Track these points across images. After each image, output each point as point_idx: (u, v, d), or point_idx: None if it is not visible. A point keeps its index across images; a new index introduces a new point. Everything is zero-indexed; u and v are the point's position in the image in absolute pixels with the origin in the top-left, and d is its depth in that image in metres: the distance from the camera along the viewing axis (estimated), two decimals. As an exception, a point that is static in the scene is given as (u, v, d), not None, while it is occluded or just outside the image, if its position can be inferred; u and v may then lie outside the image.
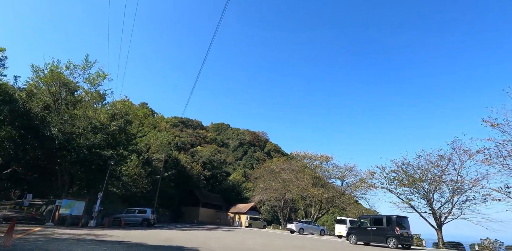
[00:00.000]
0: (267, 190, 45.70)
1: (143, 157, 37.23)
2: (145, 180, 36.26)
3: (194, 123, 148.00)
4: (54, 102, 25.78)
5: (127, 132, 30.35)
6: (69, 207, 21.01)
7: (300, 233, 28.79)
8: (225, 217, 60.15)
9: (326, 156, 39.47)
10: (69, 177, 26.65)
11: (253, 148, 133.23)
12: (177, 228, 26.78)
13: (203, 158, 63.67)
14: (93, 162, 25.47)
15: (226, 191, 72.45)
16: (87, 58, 25.47)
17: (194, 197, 56.13)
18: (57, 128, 22.68)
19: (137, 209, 26.49)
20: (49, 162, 25.75)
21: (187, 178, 54.47)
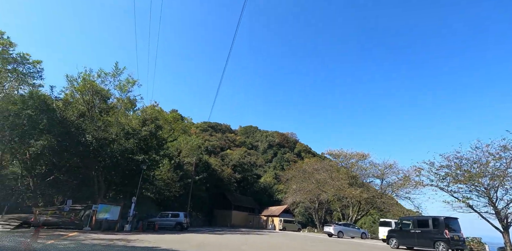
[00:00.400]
0: (300, 191, 44.08)
1: (175, 161, 37.60)
2: (177, 184, 36.54)
3: (223, 127, 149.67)
4: (88, 110, 26.69)
5: (158, 136, 30.71)
6: (105, 212, 21.34)
7: (339, 237, 27.01)
8: (257, 220, 59.24)
9: (362, 153, 36.96)
10: (105, 182, 27.36)
11: (282, 149, 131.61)
12: (210, 232, 26.34)
13: (233, 160, 63.51)
14: (127, 167, 25.90)
15: (258, 193, 71.65)
16: (117, 66, 26.13)
17: (226, 200, 55.95)
18: (91, 135, 23.30)
19: (170, 213, 26.48)
20: (86, 168, 26.58)
21: (218, 181, 54.45)
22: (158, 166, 34.40)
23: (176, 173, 36.91)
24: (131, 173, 27.77)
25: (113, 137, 25.30)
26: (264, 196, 74.19)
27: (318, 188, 39.57)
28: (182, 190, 37.09)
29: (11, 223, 16.97)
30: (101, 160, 23.45)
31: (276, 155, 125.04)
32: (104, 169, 25.00)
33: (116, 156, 23.32)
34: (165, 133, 32.40)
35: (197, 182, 42.28)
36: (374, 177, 37.36)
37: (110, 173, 26.90)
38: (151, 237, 15.17)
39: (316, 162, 49.36)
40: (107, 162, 23.06)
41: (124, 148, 24.13)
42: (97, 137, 23.34)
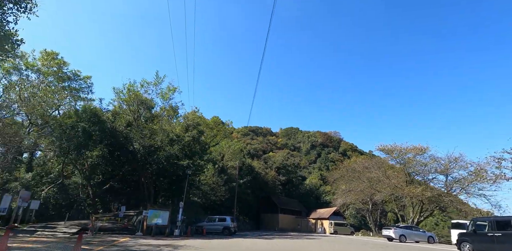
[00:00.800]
0: (351, 192, 41.32)
1: (218, 166, 37.92)
2: (222, 188, 36.73)
3: (264, 130, 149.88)
4: (135, 120, 28.00)
5: (200, 142, 31.13)
6: (155, 217, 21.82)
7: (401, 241, 24.30)
8: (306, 223, 57.24)
9: (420, 147, 32.91)
10: (154, 188, 28.32)
11: (326, 149, 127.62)
12: (258, 236, 25.61)
13: (277, 163, 62.56)
14: (173, 173, 26.49)
15: (304, 195, 69.53)
16: (157, 74, 27.08)
17: (272, 203, 55.02)
18: (138, 142, 24.24)
19: (217, 217, 26.36)
20: (137, 175, 27.81)
21: (263, 184, 53.85)
22: (202, 171, 34.87)
23: (220, 177, 37.12)
24: (178, 178, 28.37)
25: (158, 144, 26.09)
26: (310, 198, 71.82)
27: (371, 188, 36.52)
28: (228, 194, 37.12)
29: (71, 229, 18.05)
30: (149, 166, 24.24)
31: (320, 155, 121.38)
32: (152, 175, 25.83)
33: (162, 162, 23.90)
34: (207, 138, 32.75)
35: (242, 186, 42.10)
36: (437, 172, 33.26)
37: (158, 179, 27.76)
38: (198, 242, 14.84)
39: (365, 159, 45.99)
40: (154, 168, 23.76)
41: (169, 154, 24.69)
42: (143, 145, 24.22)
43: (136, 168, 25.11)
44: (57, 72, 24.13)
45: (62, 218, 21.95)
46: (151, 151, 24.12)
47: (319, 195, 75.87)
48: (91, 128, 22.99)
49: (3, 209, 15.85)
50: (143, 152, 23.68)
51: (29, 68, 22.64)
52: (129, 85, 26.22)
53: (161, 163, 23.77)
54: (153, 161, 23.65)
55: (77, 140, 22.36)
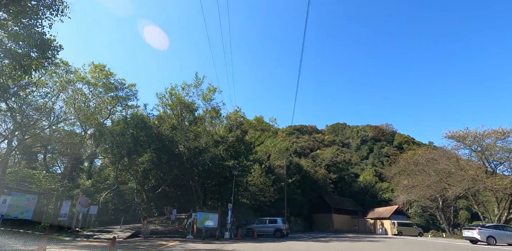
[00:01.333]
0: (415, 188, 36.81)
1: (265, 165, 36.88)
2: (271, 188, 35.52)
3: (309, 128, 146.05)
4: (179, 123, 28.31)
5: (245, 141, 30.44)
6: (204, 220, 21.41)
7: (489, 244, 20.26)
8: (363, 224, 53.31)
9: (502, 130, 27.16)
10: (203, 190, 28.26)
11: (378, 143, 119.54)
12: (313, 238, 23.79)
13: (326, 160, 59.46)
14: (219, 174, 26.07)
15: (358, 194, 65.06)
16: (197, 76, 27.07)
17: (324, 203, 52.25)
18: (183, 145, 24.24)
19: (268, 219, 25.17)
20: (185, 178, 28.01)
21: (313, 183, 51.40)
22: (249, 171, 34.14)
23: (268, 177, 35.99)
24: (225, 180, 27.94)
25: (203, 145, 25.94)
26: (366, 196, 67.03)
27: (441, 182, 31.75)
28: (277, 194, 35.80)
29: (126, 232, 18.39)
30: (195, 168, 24.07)
31: (372, 150, 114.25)
32: (199, 177, 25.69)
33: (208, 163, 23.55)
34: (252, 138, 31.97)
35: (291, 185, 40.44)
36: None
37: (205, 181, 27.63)
38: (249, 246, 13.75)
39: (428, 150, 40.70)
40: (200, 170, 23.51)
41: (214, 155, 24.30)
42: (188, 147, 24.15)
43: (183, 171, 25.16)
44: (106, 84, 25.23)
45: (120, 222, 22.80)
46: (196, 152, 23.93)
47: (375, 193, 70.44)
48: (138, 133, 23.59)
49: (63, 214, 16.63)
50: (188, 154, 23.60)
51: (81, 81, 24.00)
52: (171, 89, 26.66)
53: (207, 164, 23.42)
54: (198, 162, 23.41)
55: (127, 146, 23.09)
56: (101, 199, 22.85)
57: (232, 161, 25.26)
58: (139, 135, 23.68)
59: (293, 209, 41.47)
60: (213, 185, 28.92)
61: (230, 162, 25.03)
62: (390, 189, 72.41)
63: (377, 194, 70.04)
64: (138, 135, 23.57)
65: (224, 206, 28.45)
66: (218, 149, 26.20)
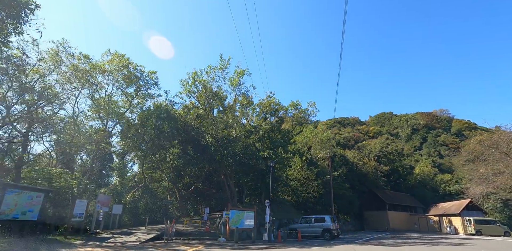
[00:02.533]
0: (496, 176, 29.84)
1: (306, 158, 32.93)
2: (314, 182, 31.48)
3: (351, 120, 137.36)
4: (206, 113, 25.73)
5: (281, 130, 26.93)
6: (238, 219, 18.36)
7: None
8: (425, 222, 46.53)
9: None
10: (238, 186, 25.42)
11: (433, 131, 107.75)
12: (371, 240, 19.46)
13: (375, 151, 53.15)
14: (254, 166, 22.92)
15: (415, 188, 57.55)
16: (222, 57, 24.05)
17: (376, 198, 46.43)
18: (210, 135, 21.51)
19: (314, 217, 21.32)
20: (218, 174, 25.39)
21: (362, 176, 45.91)
22: (289, 164, 30.56)
23: (310, 170, 31.99)
24: (261, 173, 24.75)
25: (233, 135, 22.99)
26: (424, 190, 59.26)
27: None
28: (322, 189, 31.62)
29: (149, 234, 16.08)
30: (225, 160, 21.16)
31: (426, 139, 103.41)
32: (231, 171, 22.78)
33: (238, 154, 20.49)
34: (289, 126, 28.31)
35: (337, 179, 35.84)
36: None
37: (239, 176, 24.69)
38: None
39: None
40: (231, 162, 20.48)
41: (245, 144, 21.17)
42: (216, 137, 21.35)
43: (212, 164, 22.42)
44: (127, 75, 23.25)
45: (153, 223, 20.86)
46: (225, 143, 20.99)
47: (436, 186, 62.08)
48: (162, 125, 21.40)
49: (79, 214, 14.72)
50: (216, 145, 20.76)
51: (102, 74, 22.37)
52: (194, 74, 23.96)
53: (237, 154, 20.36)
54: (228, 153, 20.43)
55: (150, 139, 21.01)
56: (127, 198, 21.07)
57: (268, 151, 21.87)
58: (162, 126, 21.46)
59: (341, 206, 36.83)
60: (249, 180, 25.92)
61: (266, 152, 21.69)
62: (454, 180, 63.46)
63: (438, 187, 61.73)
64: (161, 126, 21.36)
65: (262, 204, 25.25)
66: (250, 138, 23.05)
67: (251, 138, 22.83)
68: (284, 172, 32.26)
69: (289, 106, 28.97)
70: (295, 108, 28.94)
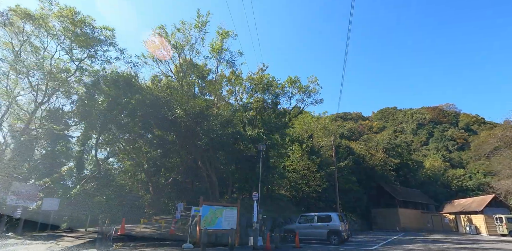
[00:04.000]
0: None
1: (307, 146, 27.95)
2: (316, 174, 26.51)
3: (353, 115, 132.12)
4: (181, 86, 20.72)
5: (276, 110, 21.92)
6: (213, 217, 13.47)
7: None
8: (439, 220, 41.58)
9: None
10: (223, 178, 20.46)
11: (440, 126, 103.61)
12: (393, 245, 14.54)
13: (382, 143, 48.05)
14: (239, 150, 17.99)
15: (424, 184, 52.74)
16: (199, 13, 18.86)
17: (385, 194, 41.45)
18: (181, 108, 16.49)
19: (316, 215, 16.27)
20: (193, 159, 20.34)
21: (369, 170, 40.90)
22: (287, 153, 25.66)
23: (312, 160, 27.01)
24: (251, 161, 19.78)
25: (213, 111, 18.01)
26: (435, 186, 54.33)
27: None
28: (325, 182, 26.62)
29: (81, 239, 11.18)
30: (197, 139, 16.11)
31: (432, 134, 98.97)
32: (208, 155, 17.75)
33: (216, 131, 15.46)
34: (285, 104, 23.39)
35: (343, 170, 30.83)
36: None
37: (223, 163, 19.72)
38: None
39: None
40: (206, 141, 15.38)
41: (226, 120, 16.18)
42: (187, 110, 16.30)
43: (184, 146, 17.44)
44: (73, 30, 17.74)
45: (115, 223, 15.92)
46: (198, 116, 15.96)
47: (447, 182, 57.17)
48: (118, 96, 16.44)
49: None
50: (187, 119, 15.74)
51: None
52: (159, 28, 18.65)
53: (214, 131, 15.31)
54: (202, 130, 15.42)
55: (100, 111, 16.06)
56: (74, 190, 16.11)
57: (257, 130, 16.89)
58: (119, 97, 16.49)
59: (347, 203, 31.85)
60: (236, 170, 20.95)
61: (254, 131, 16.69)
62: (467, 176, 58.72)
63: (450, 183, 56.80)
64: (117, 97, 16.40)
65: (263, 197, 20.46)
66: (235, 115, 18.10)
67: (237, 115, 17.88)
68: (281, 162, 27.38)
69: (286, 82, 23.91)
70: (293, 85, 23.91)
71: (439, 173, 58.93)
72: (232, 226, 13.84)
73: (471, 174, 59.05)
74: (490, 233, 31.61)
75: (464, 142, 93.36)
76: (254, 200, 15.01)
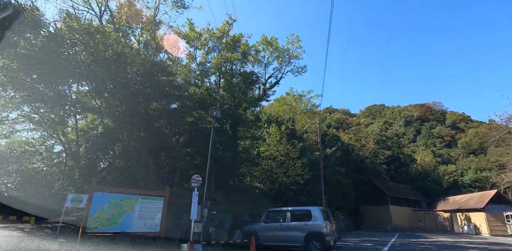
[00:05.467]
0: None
1: (287, 127, 22.82)
2: (297, 162, 21.42)
3: (341, 112, 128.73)
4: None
5: (243, 73, 16.68)
6: (118, 212, 8.08)
7: None
8: (432, 219, 38.04)
9: None
10: (155, 155, 15.03)
11: (427, 123, 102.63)
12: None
13: (373, 134, 43.65)
14: (183, 115, 12.57)
15: (415, 180, 49.24)
16: None
17: (375, 190, 37.13)
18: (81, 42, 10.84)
19: (290, 211, 10.99)
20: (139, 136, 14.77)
21: (359, 162, 36.37)
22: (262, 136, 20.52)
23: (292, 145, 21.90)
24: (205, 134, 14.45)
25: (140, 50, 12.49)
26: (426, 182, 50.69)
27: None
28: (307, 172, 21.55)
29: None
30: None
31: (420, 132, 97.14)
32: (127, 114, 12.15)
33: (132, 76, 9.94)
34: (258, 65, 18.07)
35: (330, 159, 25.89)
36: None
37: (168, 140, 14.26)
38: None
39: None
40: (118, 89, 9.77)
41: (153, 63, 10.70)
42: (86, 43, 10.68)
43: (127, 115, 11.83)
44: None
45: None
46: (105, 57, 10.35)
47: (438, 178, 53.78)
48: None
49: None
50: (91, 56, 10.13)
51: None
52: None
53: (128, 80, 9.81)
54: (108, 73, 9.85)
55: None
56: None
57: (206, 86, 11.55)
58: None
59: (333, 198, 26.83)
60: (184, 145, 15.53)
61: (202, 85, 11.36)
62: (459, 172, 55.69)
63: (442, 179, 53.48)
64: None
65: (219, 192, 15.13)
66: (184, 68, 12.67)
67: (184, 68, 12.48)
68: (255, 148, 22.22)
69: (260, 44, 18.60)
70: (269, 45, 18.64)
71: (430, 169, 55.67)
72: (152, 227, 8.50)
73: (463, 170, 56.11)
74: (492, 233, 27.83)
75: (451, 139, 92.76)
76: (194, 186, 9.72)
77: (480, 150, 74.07)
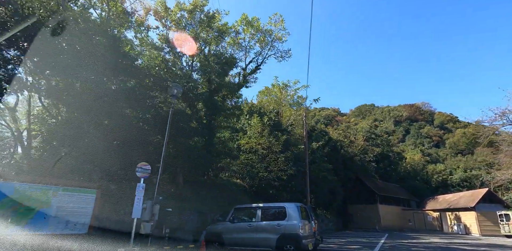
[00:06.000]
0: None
1: (270, 118, 21.01)
2: (280, 156, 19.64)
3: (331, 111, 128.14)
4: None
5: (218, 53, 14.75)
6: (28, 208, 6.05)
7: None
8: (421, 218, 36.92)
9: None
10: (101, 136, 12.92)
11: (416, 124, 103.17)
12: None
13: (362, 131, 42.34)
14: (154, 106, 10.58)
15: (404, 179, 48.40)
16: None
17: (364, 188, 35.79)
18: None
19: (261, 208, 9.09)
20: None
21: (347, 160, 34.86)
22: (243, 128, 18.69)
23: (275, 137, 20.09)
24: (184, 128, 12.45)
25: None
26: (415, 181, 49.84)
27: None
28: (291, 167, 19.75)
29: None
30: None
31: (409, 131, 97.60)
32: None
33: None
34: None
35: (316, 153, 24.17)
36: None
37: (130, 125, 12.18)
38: None
39: None
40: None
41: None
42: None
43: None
44: None
45: None
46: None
47: (427, 177, 53.06)
48: None
49: None
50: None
51: None
52: None
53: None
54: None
55: None
56: None
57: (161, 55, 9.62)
58: None
59: (319, 196, 25.12)
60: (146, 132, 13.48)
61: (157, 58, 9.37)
62: (447, 171, 55.17)
63: (431, 178, 52.76)
64: None
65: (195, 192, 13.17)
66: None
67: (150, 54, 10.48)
68: (235, 140, 20.37)
69: (239, 23, 16.67)
70: (249, 26, 16.73)
71: (419, 168, 54.94)
72: (76, 228, 6.50)
73: (451, 169, 55.63)
74: (482, 233, 26.78)
75: (439, 139, 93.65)
76: (140, 176, 7.73)
77: (467, 150, 74.67)
